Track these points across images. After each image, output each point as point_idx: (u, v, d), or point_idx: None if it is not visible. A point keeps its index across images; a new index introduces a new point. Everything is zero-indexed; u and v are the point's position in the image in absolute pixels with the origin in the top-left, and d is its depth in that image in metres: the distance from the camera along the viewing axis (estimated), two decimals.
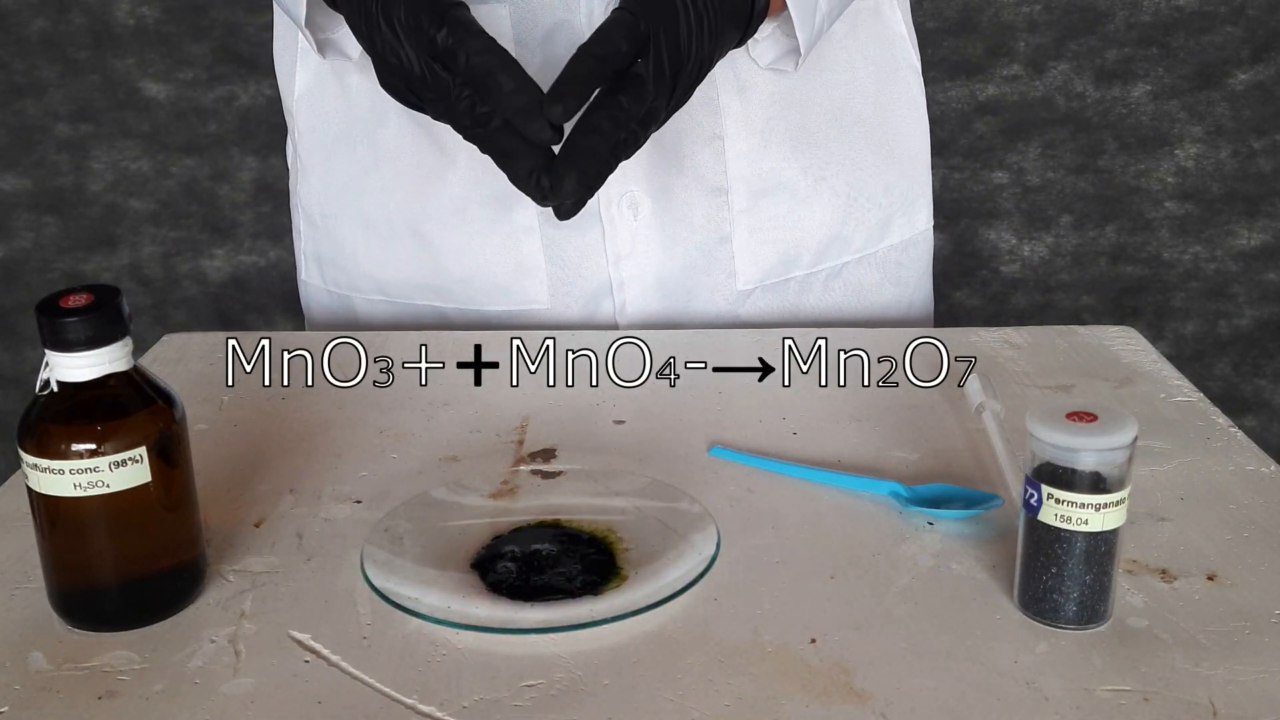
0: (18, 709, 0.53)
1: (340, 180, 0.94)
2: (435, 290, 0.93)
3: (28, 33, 1.77)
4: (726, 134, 0.88)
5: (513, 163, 0.67)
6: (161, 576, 0.59)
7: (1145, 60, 1.75)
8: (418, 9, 0.66)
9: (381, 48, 0.68)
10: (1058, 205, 1.83)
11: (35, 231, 1.87)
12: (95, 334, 0.55)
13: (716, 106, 0.87)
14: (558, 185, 0.66)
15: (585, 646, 0.56)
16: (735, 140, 0.88)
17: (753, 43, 0.84)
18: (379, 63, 0.70)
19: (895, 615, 0.58)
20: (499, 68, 0.65)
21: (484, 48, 0.65)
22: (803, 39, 0.80)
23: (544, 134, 0.65)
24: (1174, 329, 1.88)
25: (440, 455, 0.74)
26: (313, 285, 0.99)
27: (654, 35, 0.66)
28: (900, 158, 0.96)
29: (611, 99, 0.66)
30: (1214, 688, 0.53)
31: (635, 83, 0.66)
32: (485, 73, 0.65)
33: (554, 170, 0.66)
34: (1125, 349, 0.86)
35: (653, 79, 0.67)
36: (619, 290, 0.91)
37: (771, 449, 0.73)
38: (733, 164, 0.89)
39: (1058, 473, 0.55)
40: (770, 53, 0.85)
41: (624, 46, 0.66)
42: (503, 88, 0.64)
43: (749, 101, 0.88)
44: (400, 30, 0.67)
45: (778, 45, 0.84)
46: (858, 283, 0.96)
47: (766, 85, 0.88)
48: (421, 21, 0.66)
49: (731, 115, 0.88)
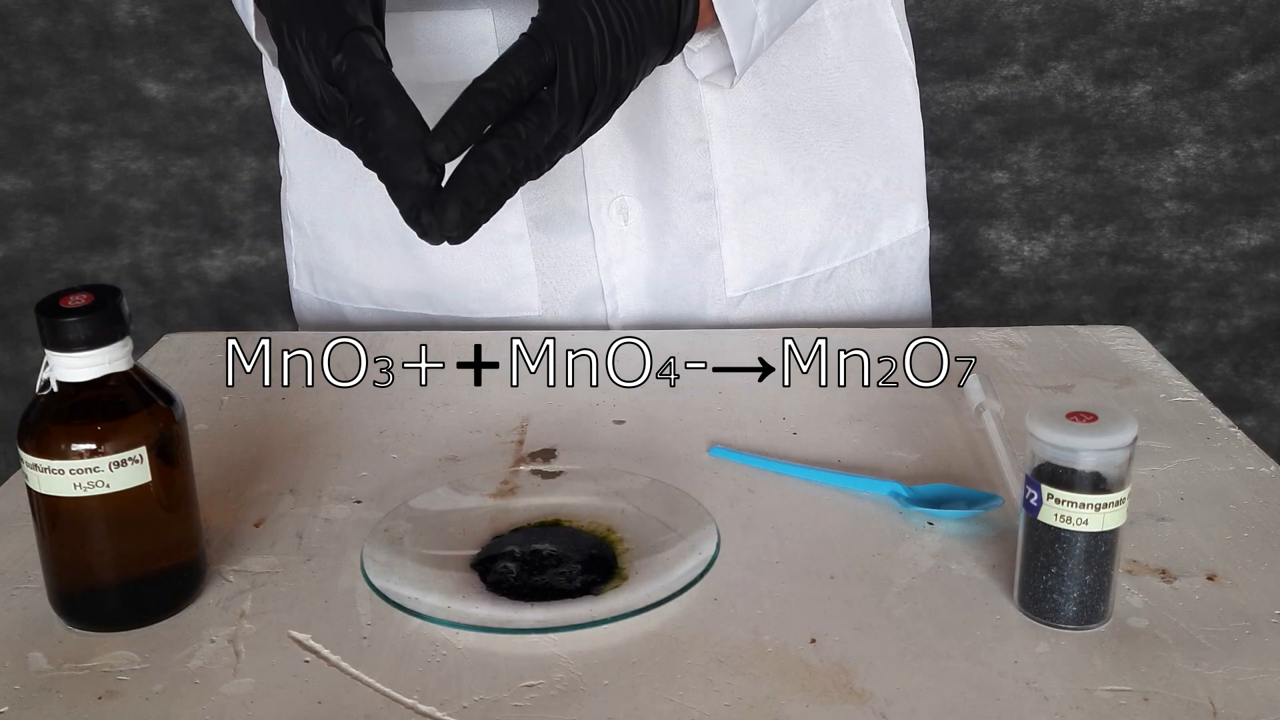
0: (18, 709, 0.53)
1: (328, 189, 0.93)
2: (425, 298, 0.93)
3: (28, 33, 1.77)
4: (712, 138, 0.87)
5: (397, 195, 0.64)
6: (161, 576, 0.59)
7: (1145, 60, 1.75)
8: (316, 31, 0.64)
9: (287, 67, 0.66)
10: (1058, 205, 1.82)
11: (35, 231, 1.87)
12: (95, 334, 0.55)
13: (700, 110, 0.86)
14: (440, 216, 0.63)
15: (585, 646, 0.56)
16: (721, 144, 0.88)
17: (689, 54, 0.81)
18: (288, 81, 0.67)
19: (895, 615, 0.58)
20: (385, 99, 0.62)
21: (373, 76, 0.62)
22: (737, 57, 0.77)
23: (419, 175, 0.62)
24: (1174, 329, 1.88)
25: (440, 455, 0.74)
26: (304, 293, 0.99)
27: (562, 61, 0.63)
28: (891, 159, 0.95)
29: (509, 126, 0.63)
30: (1214, 688, 0.53)
31: (539, 110, 0.63)
32: (371, 104, 0.62)
33: (438, 201, 0.63)
34: (1125, 349, 0.86)
35: (559, 107, 0.63)
36: (610, 296, 0.90)
37: (771, 449, 0.73)
38: (719, 168, 0.88)
39: (1058, 473, 0.55)
40: (708, 65, 0.82)
41: (524, 80, 0.62)
42: (385, 122, 0.62)
43: (735, 105, 0.87)
44: (302, 50, 0.64)
45: (716, 57, 0.81)
46: (848, 287, 0.95)
47: (753, 88, 0.87)
48: (320, 43, 0.64)
49: (716, 119, 0.87)
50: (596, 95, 0.65)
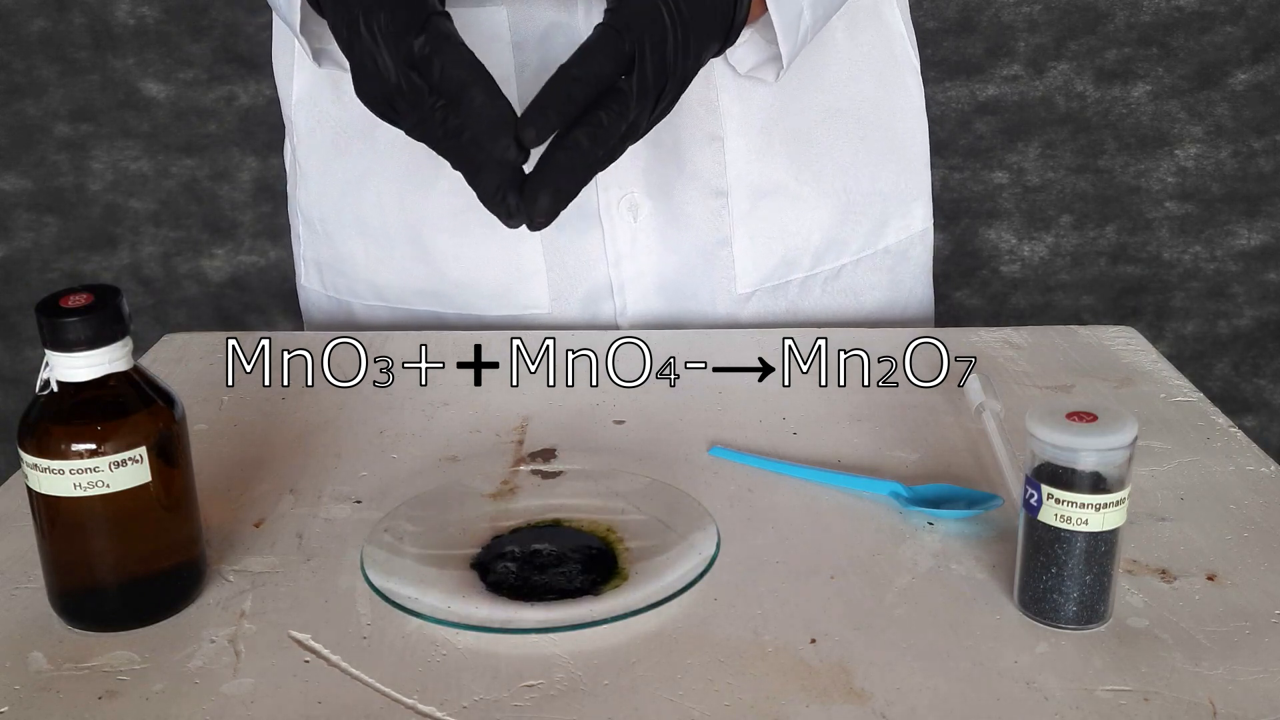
0: (18, 709, 0.53)
1: (338, 185, 0.93)
2: (434, 295, 0.93)
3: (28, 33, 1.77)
4: (726, 135, 0.88)
5: (480, 178, 0.65)
6: (161, 576, 0.59)
7: (1145, 60, 1.75)
8: (398, 15, 0.65)
9: (360, 53, 0.66)
10: (1058, 205, 1.83)
11: (35, 231, 1.87)
12: (95, 334, 0.55)
13: (716, 107, 0.87)
14: (530, 202, 0.64)
15: (585, 646, 0.56)
16: (735, 141, 0.88)
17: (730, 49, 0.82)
18: (357, 69, 0.68)
19: (895, 615, 0.58)
20: (472, 80, 0.63)
21: (460, 59, 0.64)
22: (785, 51, 0.78)
23: (509, 152, 0.63)
24: (1174, 329, 1.88)
25: (440, 455, 0.74)
26: (312, 290, 0.99)
27: (639, 52, 0.65)
28: (898, 158, 0.96)
29: (593, 115, 0.64)
30: (1214, 688, 0.53)
31: (618, 98, 0.65)
32: (459, 85, 0.63)
33: (528, 187, 0.64)
34: (1125, 349, 0.86)
35: (636, 95, 0.65)
36: (619, 293, 0.91)
37: (771, 449, 0.73)
38: (733, 165, 0.89)
39: (1058, 473, 0.55)
40: (750, 59, 0.84)
41: (607, 69, 0.64)
42: (474, 101, 0.63)
43: (749, 102, 0.88)
44: (380, 35, 0.65)
45: (757, 52, 0.83)
46: (856, 284, 0.96)
47: (766, 86, 0.88)
48: (401, 28, 0.64)
49: (732, 116, 0.87)
50: (668, 85, 0.67)
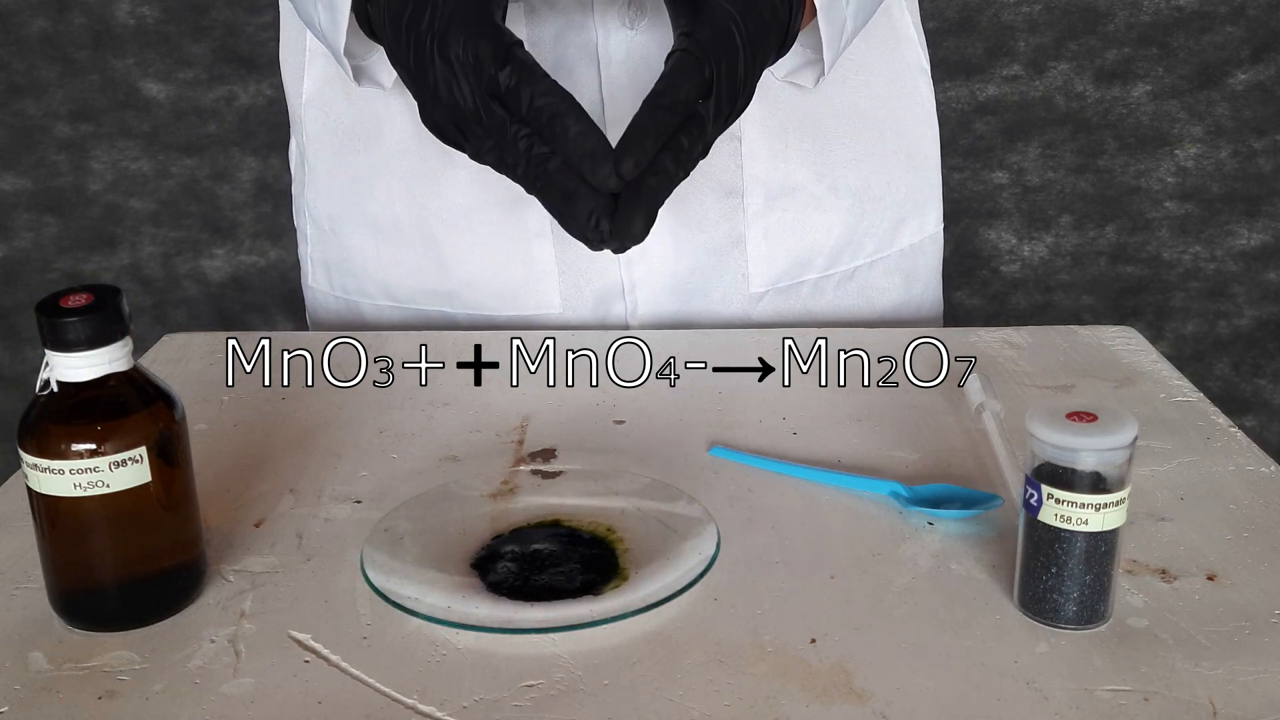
0: (18, 709, 0.53)
1: (347, 184, 0.93)
2: (444, 296, 0.93)
3: (28, 33, 1.77)
4: (744, 134, 0.88)
5: (573, 205, 0.65)
6: (161, 576, 0.59)
7: (1145, 60, 1.75)
8: (479, 46, 0.64)
9: (434, 82, 0.66)
10: (1058, 205, 1.83)
11: (35, 231, 1.87)
12: (95, 334, 0.55)
13: None
14: (625, 226, 0.65)
15: (585, 646, 0.56)
16: (752, 141, 0.88)
17: None
18: (428, 97, 0.67)
19: (895, 615, 0.58)
20: (565, 111, 0.63)
21: (550, 89, 0.64)
22: (829, 57, 0.79)
23: (610, 181, 0.63)
24: (1174, 329, 1.88)
25: (440, 455, 0.74)
26: (319, 290, 0.99)
27: (717, 77, 0.65)
28: (911, 160, 0.96)
29: (675, 139, 0.65)
30: (1214, 688, 0.53)
31: (698, 123, 0.65)
32: (551, 115, 0.63)
33: (621, 212, 0.65)
34: (1125, 349, 0.86)
35: (713, 119, 0.66)
36: (630, 293, 0.91)
37: (771, 449, 0.73)
38: (749, 165, 0.89)
39: (1058, 473, 0.55)
40: (787, 65, 0.84)
41: (693, 94, 0.65)
42: (568, 131, 0.63)
43: (767, 102, 0.88)
44: (457, 66, 0.65)
45: (796, 56, 0.84)
46: (869, 286, 0.96)
47: (784, 86, 0.88)
48: (482, 59, 0.64)
49: (749, 116, 0.87)
50: (737, 104, 0.67)
